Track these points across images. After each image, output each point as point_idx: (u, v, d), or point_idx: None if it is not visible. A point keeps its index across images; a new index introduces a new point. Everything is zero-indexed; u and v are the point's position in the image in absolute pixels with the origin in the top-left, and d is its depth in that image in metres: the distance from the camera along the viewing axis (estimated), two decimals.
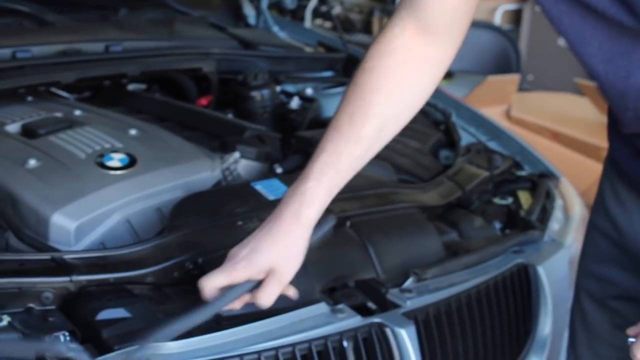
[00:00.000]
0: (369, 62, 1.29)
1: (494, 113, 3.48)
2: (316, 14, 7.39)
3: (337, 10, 7.46)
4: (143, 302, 1.33)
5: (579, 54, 1.18)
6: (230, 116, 2.19)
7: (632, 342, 1.23)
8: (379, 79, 1.28)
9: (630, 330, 1.23)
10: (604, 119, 3.52)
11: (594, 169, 3.47)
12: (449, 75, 5.71)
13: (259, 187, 1.63)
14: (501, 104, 3.79)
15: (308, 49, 2.73)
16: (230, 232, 1.47)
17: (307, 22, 6.98)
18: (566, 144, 3.57)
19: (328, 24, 7.42)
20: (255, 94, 2.21)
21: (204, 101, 2.26)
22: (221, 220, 1.51)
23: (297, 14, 7.02)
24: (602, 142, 3.44)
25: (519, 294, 1.63)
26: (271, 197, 1.60)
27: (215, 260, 1.39)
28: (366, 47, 1.31)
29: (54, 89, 2.08)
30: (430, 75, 1.32)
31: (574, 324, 1.55)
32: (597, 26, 1.13)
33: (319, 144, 1.28)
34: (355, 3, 8.03)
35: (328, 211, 1.55)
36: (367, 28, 7.66)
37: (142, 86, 2.29)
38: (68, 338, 1.25)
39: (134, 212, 1.59)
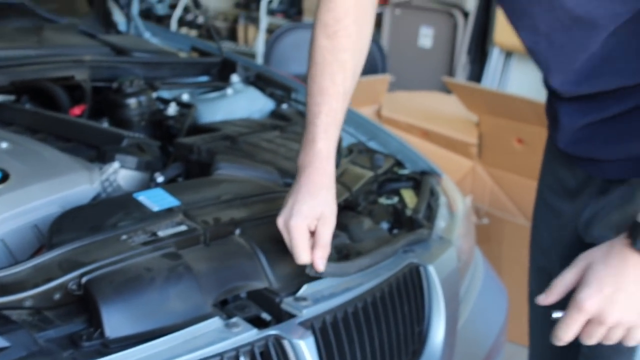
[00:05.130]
0: (329, 28, 1.45)
1: (365, 113, 3.50)
2: (181, 22, 7.32)
3: (202, 19, 7.41)
4: (23, 328, 1.23)
5: None
6: (105, 125, 2.10)
7: (558, 317, 1.26)
8: (345, 39, 1.45)
9: (543, 300, 1.29)
10: (471, 115, 3.62)
11: (463, 164, 3.55)
12: None
13: (142, 197, 1.56)
14: (372, 104, 3.82)
15: (182, 55, 2.66)
16: (114, 247, 1.39)
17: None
18: (435, 141, 3.63)
19: (194, 32, 7.37)
20: (131, 101, 2.13)
21: (77, 110, 2.16)
22: (104, 235, 1.42)
23: (162, 23, 6.94)
24: (470, 138, 3.52)
25: (412, 294, 1.62)
26: (155, 208, 1.52)
27: (101, 279, 1.32)
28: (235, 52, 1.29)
29: None
30: (373, 11, 1.51)
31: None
32: None
33: (309, 108, 1.46)
34: (220, 11, 7.99)
35: (217, 220, 1.52)
36: (232, 35, 7.65)
37: (10, 97, 2.17)
38: None
39: (9, 231, 1.49)
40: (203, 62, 2.52)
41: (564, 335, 1.27)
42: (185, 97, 2.33)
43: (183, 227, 1.47)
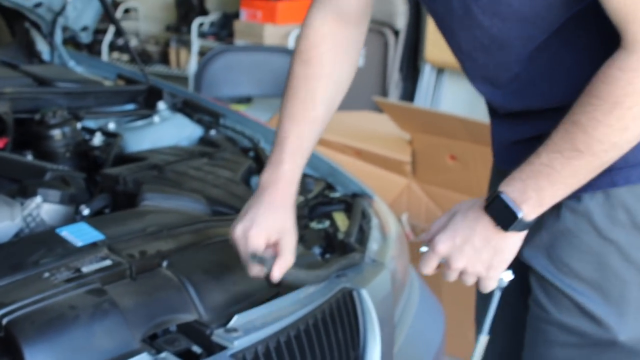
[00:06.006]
0: (303, 54, 1.49)
1: None
2: (112, 47, 7.25)
3: (133, 43, 7.36)
4: None
5: None
6: (29, 158, 2.05)
7: (424, 251, 1.40)
8: (316, 68, 1.49)
9: (424, 235, 1.42)
10: (403, 134, 3.64)
11: (398, 182, 3.56)
12: (247, 100, 5.71)
13: (65, 232, 1.52)
14: None
15: (107, 83, 2.62)
16: (36, 285, 1.34)
17: (104, 56, 6.84)
18: (369, 160, 3.64)
19: (125, 57, 7.32)
20: (55, 133, 2.09)
21: None
22: (25, 273, 1.38)
23: (93, 48, 6.87)
24: (404, 156, 3.53)
25: (346, 319, 1.60)
26: (79, 243, 1.48)
27: (22, 319, 1.28)
28: (165, 77, 1.29)
29: None
30: (354, 52, 1.54)
31: None
32: None
33: (279, 132, 1.49)
34: (151, 35, 7.94)
35: (143, 253, 1.49)
36: (164, 59, 7.60)
37: None
38: None
39: None
40: (128, 90, 2.49)
41: (423, 268, 1.40)
42: (111, 126, 2.29)
43: (108, 262, 1.43)
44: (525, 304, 1.51)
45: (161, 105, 2.43)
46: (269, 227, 1.42)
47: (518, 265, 1.42)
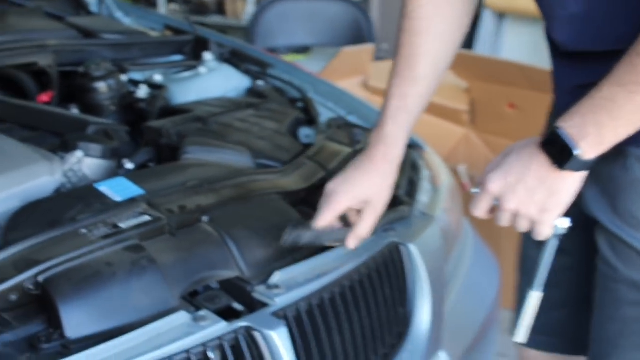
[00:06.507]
0: (407, 6, 1.43)
1: (351, 84, 3.43)
2: None
3: None
4: None
5: None
6: (75, 111, 2.02)
7: (475, 192, 1.35)
8: (417, 21, 1.42)
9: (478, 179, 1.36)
10: (461, 83, 3.54)
11: (455, 132, 3.48)
12: (305, 50, 5.65)
13: (104, 188, 1.48)
14: (358, 74, 3.73)
15: (154, 34, 2.57)
16: (73, 242, 1.31)
17: (162, 8, 6.82)
18: (427, 109, 3.55)
19: (183, 8, 7.28)
20: (99, 85, 2.05)
21: (45, 97, 2.08)
22: (62, 229, 1.35)
23: (150, 0, 6.84)
24: (461, 105, 3.45)
25: (393, 275, 1.55)
26: (118, 198, 1.45)
27: (59, 277, 1.25)
28: (220, 28, 1.23)
29: None
30: (462, 4, 1.46)
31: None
32: None
33: (387, 89, 1.46)
34: None
35: (182, 208, 1.45)
36: (220, 9, 7.53)
37: None
38: None
39: None
40: (174, 40, 2.44)
41: (474, 210, 1.36)
42: (157, 78, 2.24)
43: (146, 218, 1.40)
44: (590, 267, 1.44)
45: (207, 55, 2.37)
46: (351, 196, 1.41)
47: (585, 222, 1.35)
